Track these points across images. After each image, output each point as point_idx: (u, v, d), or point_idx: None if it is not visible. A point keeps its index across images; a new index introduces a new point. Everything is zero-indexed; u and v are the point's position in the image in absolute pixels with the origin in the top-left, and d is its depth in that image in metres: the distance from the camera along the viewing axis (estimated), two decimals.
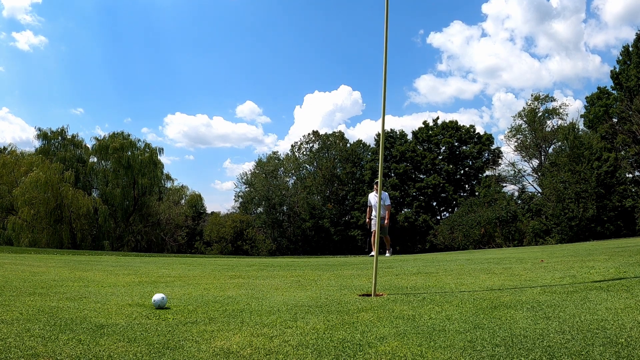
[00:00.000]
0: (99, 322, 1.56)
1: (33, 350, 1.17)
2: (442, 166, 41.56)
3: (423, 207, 40.66)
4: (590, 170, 27.77)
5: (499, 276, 2.76)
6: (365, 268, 4.10)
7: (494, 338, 1.27)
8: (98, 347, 1.24)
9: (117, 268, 4.18)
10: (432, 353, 1.16)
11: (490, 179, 37.11)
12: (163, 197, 40.39)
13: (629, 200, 27.90)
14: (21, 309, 1.76)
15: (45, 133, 33.95)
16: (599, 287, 2.06)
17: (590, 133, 31.30)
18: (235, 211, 47.02)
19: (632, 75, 28.75)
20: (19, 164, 30.57)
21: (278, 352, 1.20)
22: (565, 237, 27.22)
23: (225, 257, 11.30)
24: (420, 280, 2.75)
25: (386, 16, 2.15)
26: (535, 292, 2.04)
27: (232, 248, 41.19)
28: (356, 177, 43.57)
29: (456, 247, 30.66)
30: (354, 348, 1.24)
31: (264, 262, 5.91)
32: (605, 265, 2.98)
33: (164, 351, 1.22)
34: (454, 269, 3.45)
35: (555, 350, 1.13)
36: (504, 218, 30.66)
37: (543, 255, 5.27)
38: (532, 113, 36.09)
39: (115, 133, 34.34)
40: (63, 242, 29.34)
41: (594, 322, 1.39)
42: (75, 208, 29.31)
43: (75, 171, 32.03)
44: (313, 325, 1.51)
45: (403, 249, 37.96)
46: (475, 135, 41.78)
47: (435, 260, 5.49)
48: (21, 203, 27.85)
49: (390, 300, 1.98)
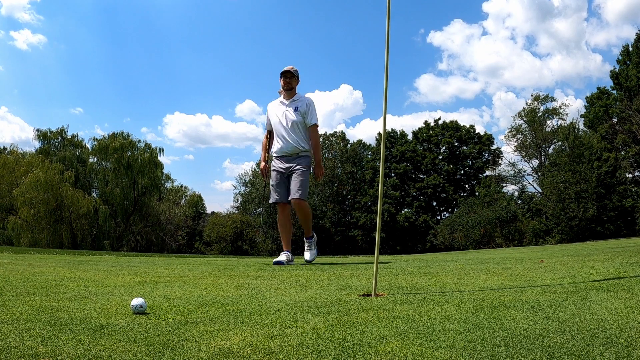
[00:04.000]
0: (99, 322, 1.56)
1: (33, 350, 1.17)
2: (442, 166, 41.59)
3: (423, 207, 40.68)
4: (591, 170, 27.78)
5: (499, 276, 2.76)
6: (365, 268, 4.10)
7: (494, 338, 1.27)
8: (98, 347, 1.24)
9: (117, 268, 4.17)
10: (432, 353, 1.15)
11: (490, 179, 37.13)
12: (163, 197, 40.41)
13: (629, 200, 27.91)
14: (21, 309, 1.76)
15: (45, 133, 33.97)
16: (599, 287, 2.06)
17: (591, 133, 31.31)
18: (235, 211, 47.03)
19: (632, 75, 28.76)
20: (19, 164, 30.58)
21: (278, 352, 1.20)
22: (565, 237, 27.22)
23: (225, 257, 11.34)
24: (420, 280, 2.75)
25: (388, 14, 2.15)
26: (535, 292, 2.04)
27: (232, 248, 41.19)
28: (356, 177, 43.57)
29: (456, 247, 30.66)
30: (354, 348, 1.23)
31: (264, 262, 5.91)
32: (605, 265, 2.98)
33: (164, 351, 1.22)
34: (454, 269, 3.44)
35: (555, 350, 1.13)
36: (504, 218, 30.66)
37: (543, 255, 5.27)
38: (532, 113, 36.11)
39: (115, 133, 34.38)
40: (63, 242, 29.35)
41: (594, 322, 1.39)
42: (75, 208, 29.31)
43: (75, 171, 32.04)
44: (313, 325, 1.50)
45: (403, 249, 37.96)
46: (475, 135, 41.81)
47: (435, 260, 5.49)
48: (21, 203, 27.86)
49: (390, 300, 1.98)
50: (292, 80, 5.05)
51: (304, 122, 4.99)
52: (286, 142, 4.96)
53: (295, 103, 4.99)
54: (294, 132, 4.92)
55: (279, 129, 5.03)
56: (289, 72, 5.02)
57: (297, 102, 5.02)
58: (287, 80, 5.02)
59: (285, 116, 4.99)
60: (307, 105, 5.00)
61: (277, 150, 5.07)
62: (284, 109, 5.03)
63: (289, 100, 5.05)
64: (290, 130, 4.93)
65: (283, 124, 5.00)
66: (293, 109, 4.94)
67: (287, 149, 4.97)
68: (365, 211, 41.23)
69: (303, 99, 5.04)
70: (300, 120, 4.94)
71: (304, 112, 4.98)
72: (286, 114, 4.98)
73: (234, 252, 40.63)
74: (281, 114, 5.03)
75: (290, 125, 4.92)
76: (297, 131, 4.93)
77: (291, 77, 5.03)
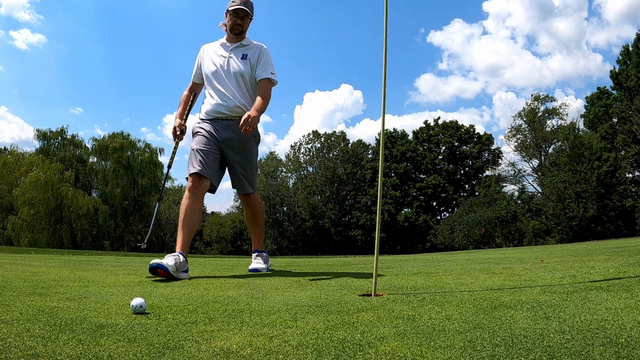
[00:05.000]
0: (99, 322, 1.56)
1: (33, 350, 1.17)
2: (442, 166, 41.61)
3: (423, 207, 40.70)
4: (591, 170, 27.80)
5: (499, 276, 2.76)
6: (365, 268, 4.10)
7: (494, 338, 1.27)
8: (98, 347, 1.24)
9: (117, 268, 4.17)
10: (432, 353, 1.15)
11: (490, 179, 37.16)
12: (163, 197, 40.40)
13: (629, 200, 27.93)
14: (21, 309, 1.76)
15: (44, 133, 33.98)
16: (599, 287, 2.06)
17: (591, 133, 31.34)
18: (235, 211, 47.04)
19: (632, 75, 28.77)
20: (19, 164, 30.61)
21: (278, 352, 1.20)
22: (565, 237, 27.24)
23: (225, 257, 11.34)
24: (420, 280, 2.75)
25: (385, 14, 2.16)
26: (535, 292, 2.04)
27: (232, 248, 41.21)
28: (357, 177, 43.58)
29: (456, 247, 30.67)
30: (354, 348, 1.23)
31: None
32: (605, 265, 2.98)
33: (164, 351, 1.22)
34: (454, 269, 3.44)
35: (555, 350, 1.13)
36: (504, 218, 30.67)
37: (543, 255, 5.27)
38: (532, 113, 36.16)
39: (115, 133, 34.38)
40: (63, 242, 29.36)
41: (594, 322, 1.39)
42: (75, 208, 29.32)
43: (75, 171, 32.04)
44: (313, 325, 1.50)
45: (403, 249, 37.96)
46: (475, 135, 41.85)
47: (435, 260, 5.49)
48: (21, 203, 27.87)
49: (390, 300, 1.98)
50: (245, 22, 3.68)
51: (252, 75, 3.63)
52: (225, 99, 3.58)
53: (244, 49, 3.69)
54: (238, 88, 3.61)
55: (217, 82, 3.63)
56: (241, 10, 3.61)
57: (246, 48, 3.70)
58: (238, 21, 3.63)
59: (228, 64, 3.63)
60: (261, 54, 3.66)
61: (210, 110, 3.62)
62: (227, 54, 3.66)
63: (235, 45, 3.69)
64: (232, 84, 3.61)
65: (223, 75, 3.62)
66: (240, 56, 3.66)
67: (225, 109, 3.58)
68: (365, 211, 41.25)
69: (255, 46, 3.71)
70: (249, 73, 3.62)
71: (254, 62, 3.63)
72: (230, 62, 3.63)
73: (234, 252, 40.65)
74: (222, 61, 3.66)
75: (234, 77, 3.61)
76: (242, 86, 3.62)
77: (244, 17, 3.65)
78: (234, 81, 3.62)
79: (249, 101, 3.60)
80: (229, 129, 3.56)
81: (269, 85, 3.63)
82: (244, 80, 3.62)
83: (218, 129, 3.57)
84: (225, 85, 3.60)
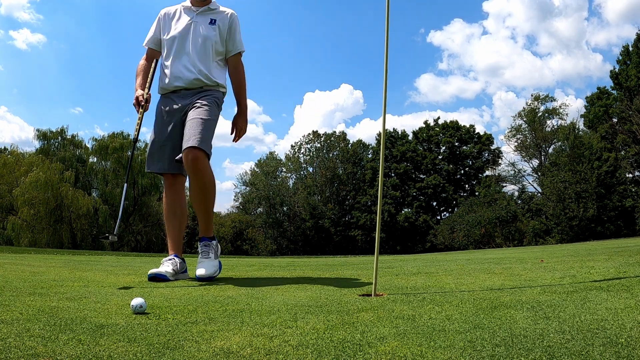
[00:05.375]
0: (99, 322, 1.56)
1: (33, 350, 1.17)
2: (442, 166, 41.63)
3: (423, 207, 40.72)
4: (591, 170, 27.82)
5: (499, 276, 2.76)
6: (365, 268, 4.10)
7: (494, 338, 1.27)
8: (98, 347, 1.24)
9: (117, 268, 4.17)
10: (432, 353, 1.15)
11: (490, 179, 37.18)
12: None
13: (629, 200, 27.95)
14: (21, 309, 1.76)
15: (44, 133, 33.99)
16: (599, 287, 2.06)
17: (591, 133, 31.35)
18: (235, 211, 47.07)
19: (632, 75, 28.79)
20: (19, 164, 30.62)
21: (278, 352, 1.20)
22: (565, 237, 27.25)
23: (225, 257, 11.35)
24: (420, 280, 2.75)
25: (387, 14, 2.15)
26: (535, 292, 2.04)
27: (232, 248, 41.22)
28: (357, 177, 43.60)
29: (456, 247, 30.68)
30: (354, 348, 1.23)
31: (264, 262, 5.93)
32: (605, 265, 2.98)
33: (164, 351, 1.22)
34: (454, 269, 3.44)
35: (555, 350, 1.13)
36: (504, 218, 30.69)
37: (543, 255, 5.27)
38: (532, 113, 36.19)
39: (115, 133, 34.39)
40: (63, 242, 29.36)
41: (594, 322, 1.39)
42: (75, 208, 29.32)
43: (75, 171, 32.05)
44: (313, 325, 1.50)
45: (403, 249, 37.96)
46: (475, 135, 41.87)
47: (435, 260, 5.49)
48: (21, 203, 27.87)
49: (390, 300, 1.98)
50: None
51: (220, 44, 3.23)
52: (187, 68, 3.16)
53: (212, 14, 3.29)
54: (203, 56, 3.19)
55: (178, 48, 3.18)
56: None
57: (214, 12, 3.29)
58: None
59: (193, 30, 3.20)
60: (231, 21, 3.27)
61: (169, 82, 3.20)
62: (191, 18, 3.25)
63: (202, 9, 3.28)
64: (197, 51, 3.18)
65: (186, 41, 3.18)
66: (207, 21, 3.25)
67: (184, 82, 3.17)
68: (365, 211, 41.26)
69: (224, 12, 3.31)
70: (216, 40, 3.21)
71: (224, 29, 3.24)
72: (194, 27, 3.21)
73: (234, 251, 40.66)
74: (185, 25, 3.22)
75: (200, 43, 3.19)
76: (207, 54, 3.20)
77: None
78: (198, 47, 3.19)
79: (214, 69, 3.22)
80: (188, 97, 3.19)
81: (240, 58, 3.33)
82: (211, 48, 3.20)
83: (175, 100, 3.20)
84: (186, 54, 3.18)
